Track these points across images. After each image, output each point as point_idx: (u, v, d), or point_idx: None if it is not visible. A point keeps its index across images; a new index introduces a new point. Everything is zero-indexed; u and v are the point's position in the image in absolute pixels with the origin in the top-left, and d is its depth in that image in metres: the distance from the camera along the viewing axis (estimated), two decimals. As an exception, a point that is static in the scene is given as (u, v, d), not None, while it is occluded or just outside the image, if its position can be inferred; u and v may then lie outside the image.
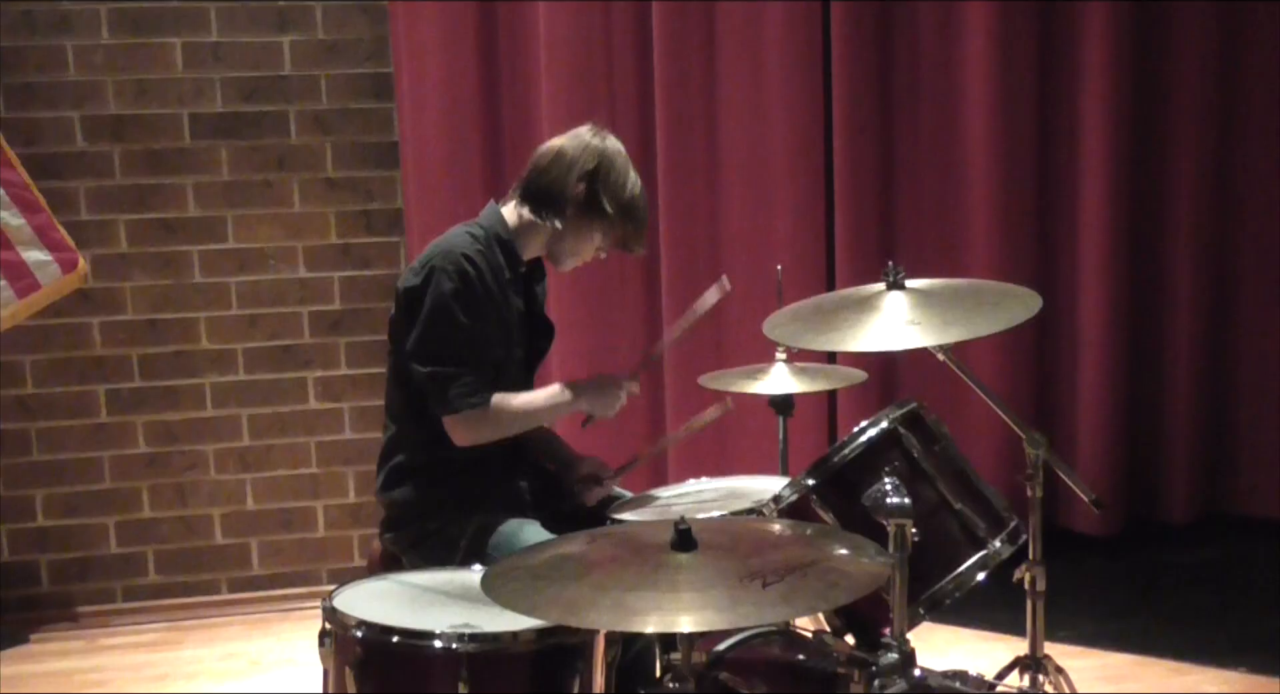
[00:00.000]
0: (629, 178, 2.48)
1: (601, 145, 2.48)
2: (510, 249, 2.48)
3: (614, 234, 2.51)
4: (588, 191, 2.44)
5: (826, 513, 1.99)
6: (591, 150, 2.46)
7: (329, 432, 4.07)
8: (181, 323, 3.97)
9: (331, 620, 1.94)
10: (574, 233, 2.49)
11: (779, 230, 3.94)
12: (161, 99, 3.87)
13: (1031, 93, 3.95)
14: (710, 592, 1.53)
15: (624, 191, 2.46)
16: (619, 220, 2.47)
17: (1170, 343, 4.14)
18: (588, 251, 2.55)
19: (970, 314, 2.18)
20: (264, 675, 3.53)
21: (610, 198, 2.45)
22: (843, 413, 3.99)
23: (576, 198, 2.45)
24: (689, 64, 3.89)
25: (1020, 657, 2.38)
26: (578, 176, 2.44)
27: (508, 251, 2.47)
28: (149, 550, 4.03)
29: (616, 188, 2.45)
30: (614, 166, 2.46)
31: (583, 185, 2.44)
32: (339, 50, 3.94)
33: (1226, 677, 3.21)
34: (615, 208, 2.45)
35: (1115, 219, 3.98)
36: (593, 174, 2.44)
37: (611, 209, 2.45)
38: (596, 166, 2.45)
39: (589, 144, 2.48)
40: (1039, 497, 2.25)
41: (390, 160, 4.00)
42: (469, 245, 2.41)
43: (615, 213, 2.45)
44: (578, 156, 2.46)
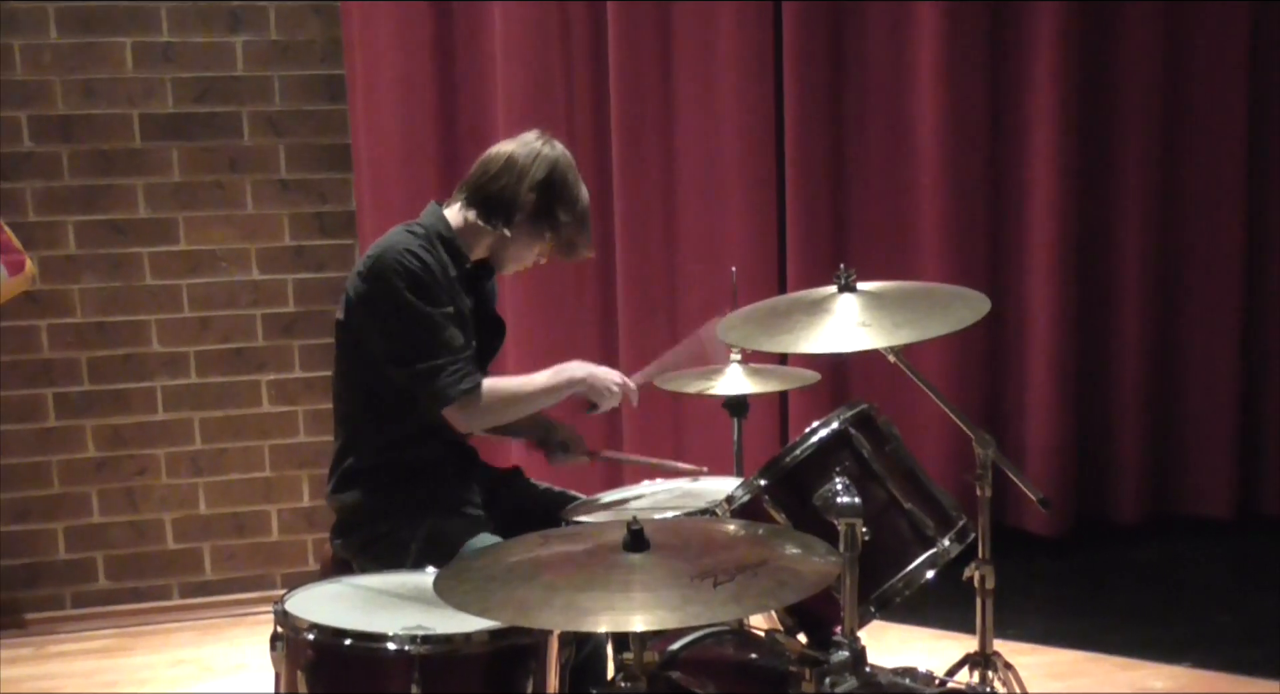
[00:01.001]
0: (579, 188, 2.49)
1: (553, 154, 2.48)
2: (453, 247, 2.47)
3: (560, 242, 2.51)
4: (539, 201, 2.45)
5: (778, 513, 2.01)
6: (543, 159, 2.46)
7: (282, 435, 4.04)
8: (131, 325, 3.92)
9: (283, 624, 1.92)
10: (521, 240, 2.50)
11: (731, 232, 3.97)
12: (111, 99, 3.83)
13: (981, 95, 4.01)
14: (661, 591, 1.54)
15: (576, 202, 2.48)
16: (569, 228, 2.48)
17: (1118, 345, 4.21)
18: (529, 258, 2.56)
19: (920, 316, 2.21)
20: (216, 681, 3.50)
21: (563, 208, 2.46)
22: (794, 414, 4.03)
23: (527, 207, 2.45)
24: (643, 65, 3.91)
25: (970, 654, 2.41)
26: (529, 186, 2.44)
27: (451, 249, 2.46)
28: (99, 556, 3.98)
29: (568, 198, 2.47)
30: (566, 178, 2.47)
31: (534, 195, 2.44)
32: (292, 51, 3.92)
33: (1172, 672, 3.27)
34: (568, 217, 2.47)
35: (1064, 222, 4.04)
36: (544, 184, 2.45)
37: (564, 218, 2.46)
38: (548, 176, 2.45)
39: (540, 152, 2.47)
40: (988, 496, 2.29)
41: (343, 162, 3.98)
42: (410, 241, 2.40)
43: (567, 222, 2.47)
44: (529, 165, 2.46)
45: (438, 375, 2.34)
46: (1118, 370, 4.22)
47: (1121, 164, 4.14)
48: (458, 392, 2.35)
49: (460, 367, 2.36)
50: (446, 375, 2.34)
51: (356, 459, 2.48)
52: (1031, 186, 4.05)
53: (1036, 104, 4.01)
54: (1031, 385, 4.11)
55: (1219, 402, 4.26)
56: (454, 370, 2.35)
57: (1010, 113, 4.07)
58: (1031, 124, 4.02)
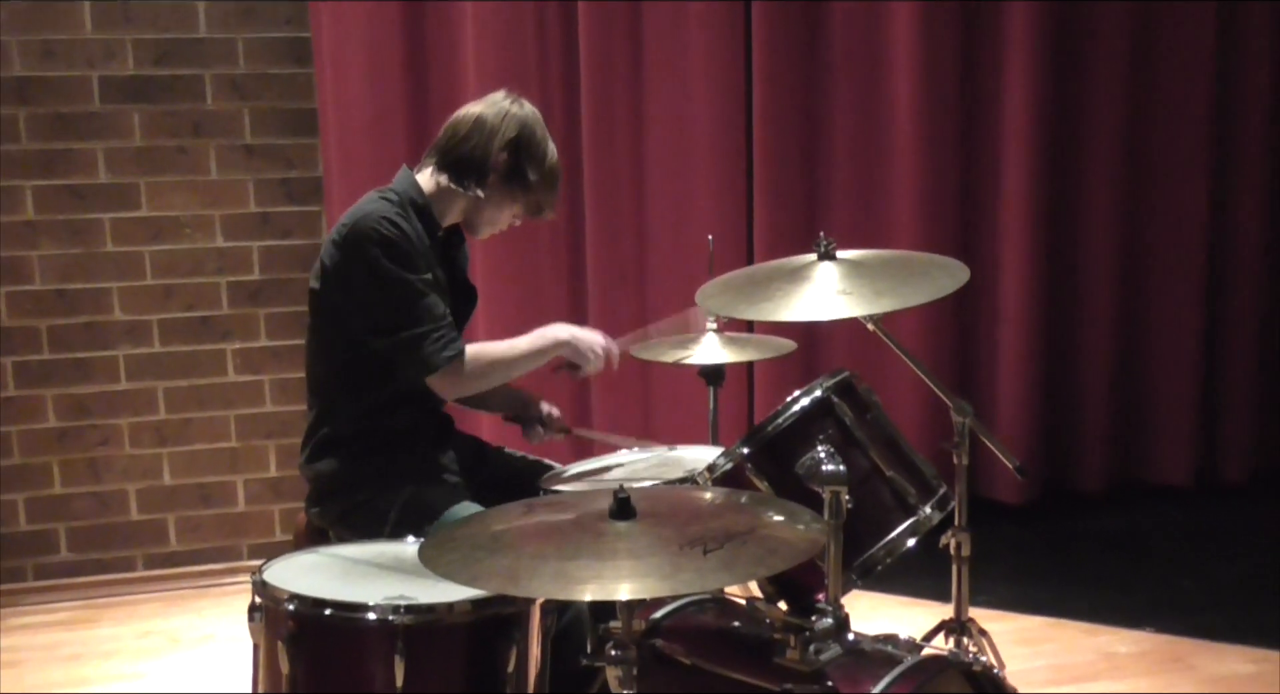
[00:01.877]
0: (548, 146, 2.48)
1: (521, 113, 2.46)
2: (427, 215, 2.44)
3: (532, 201, 2.50)
4: (510, 161, 2.43)
5: (761, 481, 2.01)
6: (512, 118, 2.45)
7: (249, 404, 3.99)
8: (93, 293, 3.85)
9: (262, 594, 1.90)
10: (495, 201, 2.48)
11: (700, 200, 3.96)
12: (69, 61, 3.73)
13: (954, 61, 4.01)
14: (651, 559, 1.53)
15: (545, 160, 2.47)
16: (539, 188, 2.47)
17: (1085, 317, 4.25)
18: (504, 220, 2.54)
19: (900, 285, 2.21)
20: (184, 653, 3.47)
21: (534, 167, 2.45)
22: (761, 382, 4.03)
23: (499, 167, 2.43)
24: (614, 30, 3.87)
25: (945, 620, 2.44)
26: (500, 146, 2.42)
27: (425, 217, 2.43)
28: (60, 527, 3.92)
29: (539, 157, 2.45)
30: (534, 135, 2.46)
31: (505, 154, 2.43)
32: (256, 13, 3.84)
33: (1136, 636, 3.33)
34: (538, 176, 2.45)
35: (1035, 197, 4.07)
36: (515, 143, 2.43)
37: (534, 178, 2.45)
38: (518, 135, 2.43)
39: (509, 111, 2.46)
40: (965, 464, 2.31)
41: (310, 127, 3.91)
42: (386, 209, 2.36)
43: (537, 181, 2.46)
44: (498, 125, 2.44)
45: (421, 343, 2.31)
46: (1085, 343, 4.26)
47: (1090, 144, 4.17)
48: (442, 359, 2.33)
49: (443, 333, 2.34)
50: (430, 343, 2.32)
51: (332, 428, 2.45)
52: (1004, 163, 4.07)
53: (1010, 72, 4.02)
54: (1002, 356, 4.14)
55: (1182, 372, 4.32)
56: (437, 337, 2.32)
57: (983, 88, 4.07)
58: (1005, 92, 4.04)
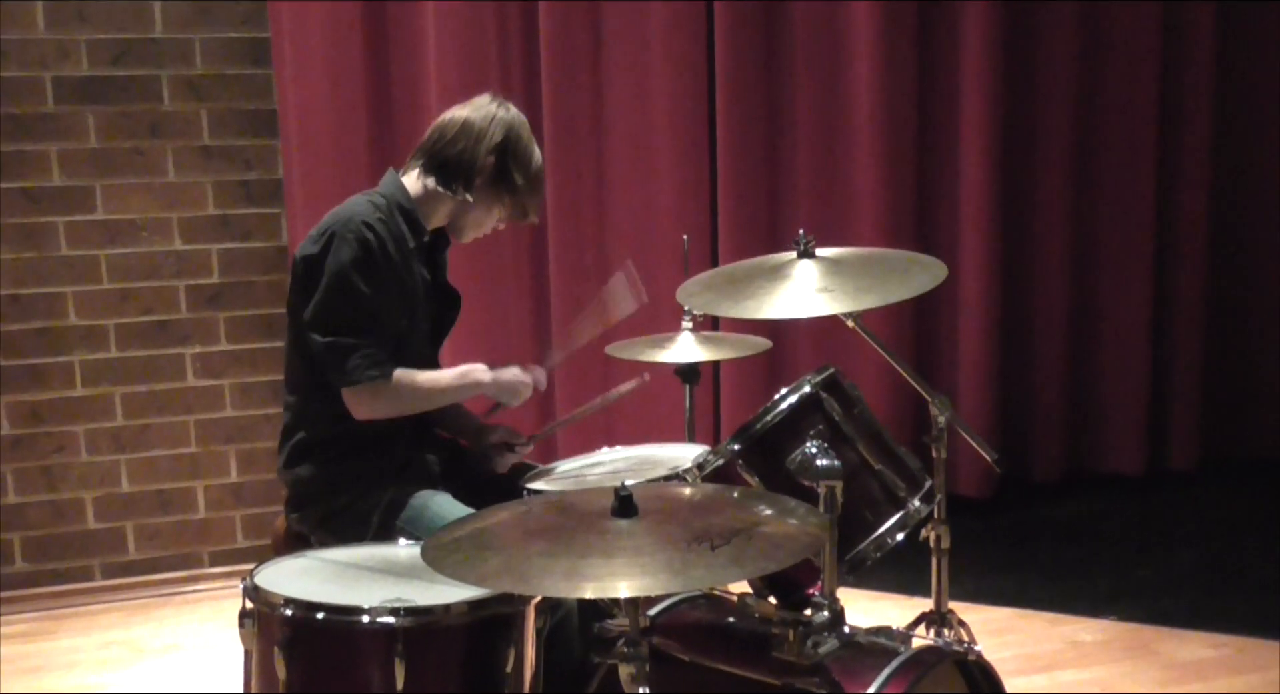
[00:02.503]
0: (534, 149, 2.50)
1: (508, 117, 2.48)
2: (413, 218, 2.44)
3: (518, 204, 2.51)
4: (497, 164, 2.44)
5: (752, 477, 2.02)
6: (499, 122, 2.46)
7: (208, 410, 3.94)
8: (47, 298, 3.77)
9: (254, 599, 1.88)
10: (482, 204, 2.49)
11: (663, 199, 3.97)
12: (22, 61, 3.66)
13: (913, 61, 4.06)
14: (660, 555, 1.54)
15: (531, 164, 2.48)
16: (525, 191, 2.49)
17: (1039, 309, 4.34)
18: (489, 223, 2.55)
19: (881, 282, 2.24)
20: (148, 662, 3.41)
21: (520, 170, 2.46)
22: (727, 381, 4.06)
23: (486, 170, 2.44)
24: (574, 29, 3.87)
25: (926, 612, 2.47)
26: (487, 149, 2.44)
27: (410, 221, 2.43)
28: (15, 537, 3.83)
29: (525, 160, 2.47)
30: (520, 139, 2.47)
31: (492, 158, 2.44)
32: (212, 13, 3.79)
33: (1099, 625, 3.40)
34: (524, 179, 2.47)
35: (991, 192, 4.14)
36: (501, 146, 2.44)
37: (521, 181, 2.46)
38: (505, 139, 2.45)
39: (495, 115, 2.47)
40: (944, 458, 2.34)
41: (269, 128, 3.87)
42: (370, 213, 2.36)
43: (524, 184, 2.47)
44: (485, 128, 2.45)
45: (351, 354, 2.30)
46: (1039, 333, 4.34)
47: (1043, 133, 4.26)
48: (364, 375, 2.31)
49: (376, 353, 2.32)
50: (359, 356, 2.31)
51: (308, 432, 2.43)
52: (961, 152, 4.14)
53: (966, 70, 4.09)
54: (961, 350, 4.21)
55: (1131, 362, 4.41)
56: (369, 354, 2.31)
57: (941, 78, 4.13)
58: (961, 90, 4.11)
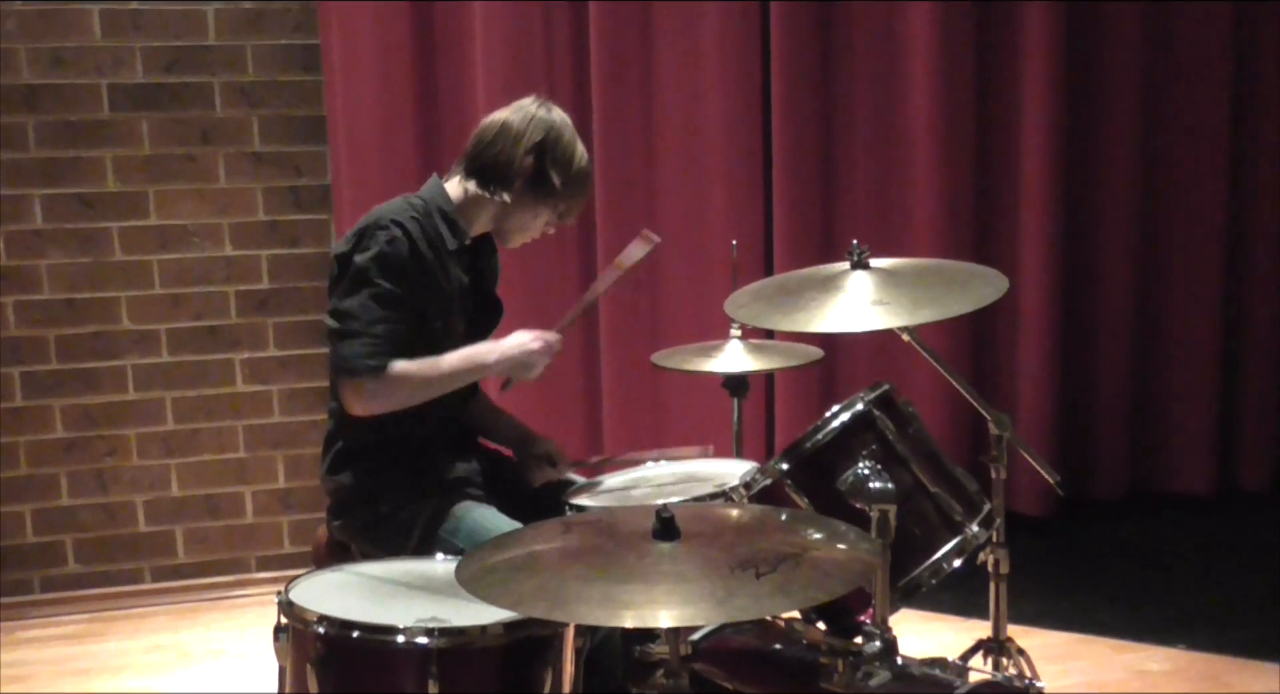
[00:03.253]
0: (576, 149, 2.43)
1: (548, 117, 2.43)
2: (453, 221, 2.39)
3: (559, 206, 2.45)
4: (536, 165, 2.39)
5: (801, 498, 1.95)
6: (538, 122, 2.41)
7: (257, 415, 3.93)
8: (101, 302, 3.79)
9: (288, 615, 1.84)
10: (522, 207, 2.43)
11: (716, 205, 3.90)
12: (79, 68, 3.68)
13: (973, 63, 3.95)
14: (702, 583, 1.47)
15: (572, 164, 2.42)
16: (566, 193, 2.43)
17: (1104, 323, 4.20)
18: (535, 227, 2.49)
19: (939, 294, 2.16)
20: (194, 668, 3.40)
21: (559, 171, 2.40)
22: (782, 393, 3.98)
23: (525, 171, 2.39)
24: (626, 29, 3.81)
25: (983, 639, 2.38)
26: (525, 149, 2.39)
27: (450, 223, 2.39)
28: (68, 539, 3.85)
29: (565, 160, 2.41)
30: (561, 138, 2.41)
31: (531, 158, 2.39)
32: (265, 19, 3.79)
33: (1168, 653, 3.25)
34: (563, 181, 2.41)
35: (1053, 201, 4.02)
36: (540, 147, 2.39)
37: (560, 182, 2.40)
38: (544, 139, 2.40)
39: (535, 115, 2.42)
40: (1003, 478, 2.25)
41: (319, 135, 3.86)
42: (402, 212, 2.32)
43: (563, 186, 2.41)
44: (524, 129, 2.40)
45: (350, 341, 2.25)
46: (1103, 348, 4.21)
47: (1108, 140, 4.12)
48: (359, 364, 2.24)
49: (375, 342, 2.25)
50: (359, 343, 2.25)
51: (351, 438, 2.39)
52: (1021, 160, 4.01)
53: (1027, 74, 3.97)
54: (1021, 364, 4.09)
55: (1200, 377, 4.27)
56: (367, 342, 2.25)
57: (1001, 92, 4.02)
58: (1023, 94, 3.98)
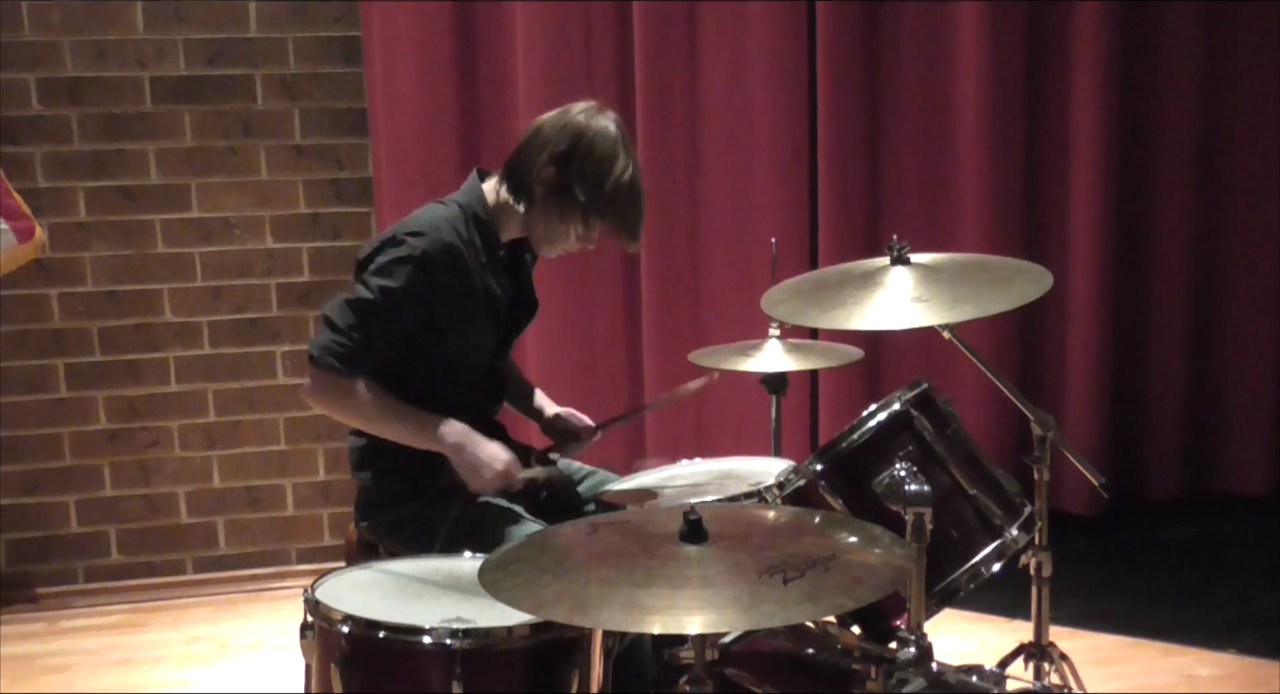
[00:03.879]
0: (614, 164, 2.23)
1: (584, 125, 2.24)
2: (488, 230, 2.31)
3: (597, 224, 2.29)
4: (558, 176, 2.25)
5: (835, 499, 1.91)
6: (569, 130, 2.24)
7: (298, 407, 3.93)
8: (143, 295, 3.81)
9: (314, 613, 1.83)
10: (545, 219, 2.30)
11: (761, 202, 3.85)
12: (121, 61, 3.70)
13: (1021, 58, 3.86)
14: (727, 588, 1.43)
15: (604, 179, 2.23)
16: (597, 211, 2.25)
17: (1157, 320, 4.10)
18: (565, 240, 2.33)
19: (980, 291, 2.10)
20: (233, 660, 3.41)
21: (585, 185, 2.23)
22: (825, 392, 3.92)
23: (545, 181, 2.26)
24: (671, 24, 3.76)
25: (1025, 644, 2.31)
26: (548, 158, 2.24)
27: (485, 233, 2.30)
28: (111, 530, 3.89)
29: (593, 174, 2.22)
30: (593, 150, 2.23)
31: (552, 169, 2.24)
32: (307, 12, 3.78)
33: (1218, 658, 3.17)
34: (589, 196, 2.23)
35: (1105, 195, 3.92)
36: (564, 157, 2.23)
37: (584, 197, 2.23)
38: (569, 149, 2.23)
39: (568, 123, 2.26)
40: (1046, 480, 2.18)
41: (360, 127, 3.85)
42: (436, 225, 2.23)
43: (589, 202, 2.24)
44: (552, 136, 2.25)
45: (333, 335, 2.19)
46: (1156, 344, 4.11)
47: (1161, 140, 4.02)
48: (328, 359, 2.18)
49: (356, 349, 2.18)
50: (339, 344, 2.18)
51: (376, 439, 2.34)
52: (1072, 160, 3.92)
53: (1078, 68, 3.87)
54: (1069, 361, 4.00)
55: (1257, 375, 4.16)
56: (347, 346, 2.18)
57: (1050, 84, 3.93)
58: (1072, 96, 3.89)
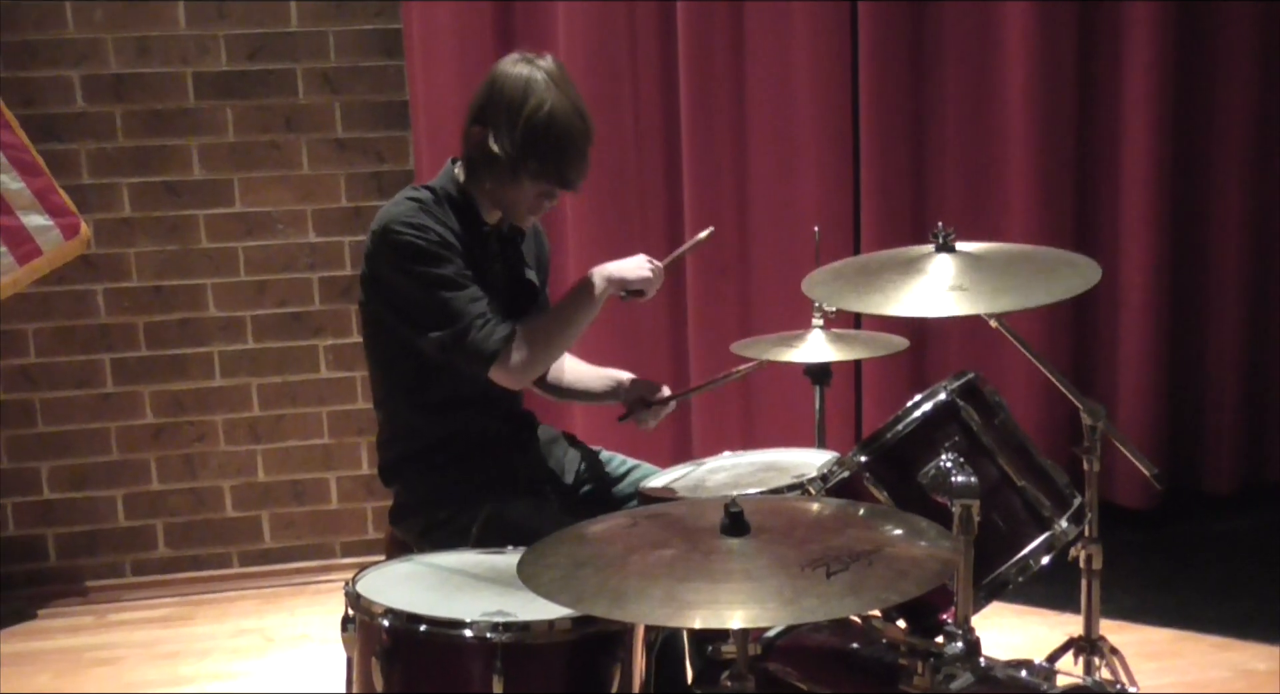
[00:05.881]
0: (523, 105, 2.13)
1: (495, 72, 2.17)
2: (464, 208, 2.25)
3: (524, 174, 2.17)
4: (482, 133, 2.17)
5: (880, 491, 1.87)
6: (485, 83, 2.17)
7: (341, 401, 3.95)
8: (188, 289, 3.84)
9: (355, 607, 1.82)
10: (488, 182, 2.22)
11: (804, 190, 3.80)
12: (164, 57, 3.72)
13: (1071, 56, 3.78)
14: (769, 582, 1.41)
15: (515, 122, 2.12)
16: (520, 157, 2.14)
17: (1212, 308, 4.01)
18: (519, 200, 2.23)
19: (1024, 282, 2.05)
20: (279, 653, 3.43)
21: (499, 132, 2.14)
22: (869, 383, 3.87)
23: (472, 141, 2.20)
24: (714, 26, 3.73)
25: (1074, 638, 2.27)
26: (473, 117, 2.20)
27: (461, 210, 2.24)
28: (158, 524, 3.92)
29: (504, 119, 2.14)
30: (502, 94, 2.14)
31: (476, 126, 2.19)
32: (347, 6, 3.79)
33: (1273, 652, 3.10)
34: (504, 143, 2.13)
35: (1159, 185, 3.83)
36: (480, 110, 2.17)
37: (500, 146, 2.14)
38: (484, 100, 2.16)
39: (490, 76, 2.17)
40: (1096, 471, 2.14)
41: (401, 120, 3.85)
42: (405, 212, 2.18)
43: (507, 149, 2.14)
44: (475, 94, 2.21)
45: (467, 335, 2.15)
46: (1211, 334, 4.01)
47: (1218, 125, 3.91)
48: (494, 343, 2.14)
49: (486, 321, 2.16)
50: (476, 332, 2.14)
51: (402, 444, 2.34)
52: (1123, 145, 3.83)
53: (1130, 64, 3.78)
54: (1122, 351, 3.92)
55: (1314, 367, 4.06)
56: (481, 325, 2.15)
57: (1101, 67, 3.84)
58: (1124, 79, 3.80)
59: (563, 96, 2.17)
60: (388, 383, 2.36)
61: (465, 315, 2.16)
